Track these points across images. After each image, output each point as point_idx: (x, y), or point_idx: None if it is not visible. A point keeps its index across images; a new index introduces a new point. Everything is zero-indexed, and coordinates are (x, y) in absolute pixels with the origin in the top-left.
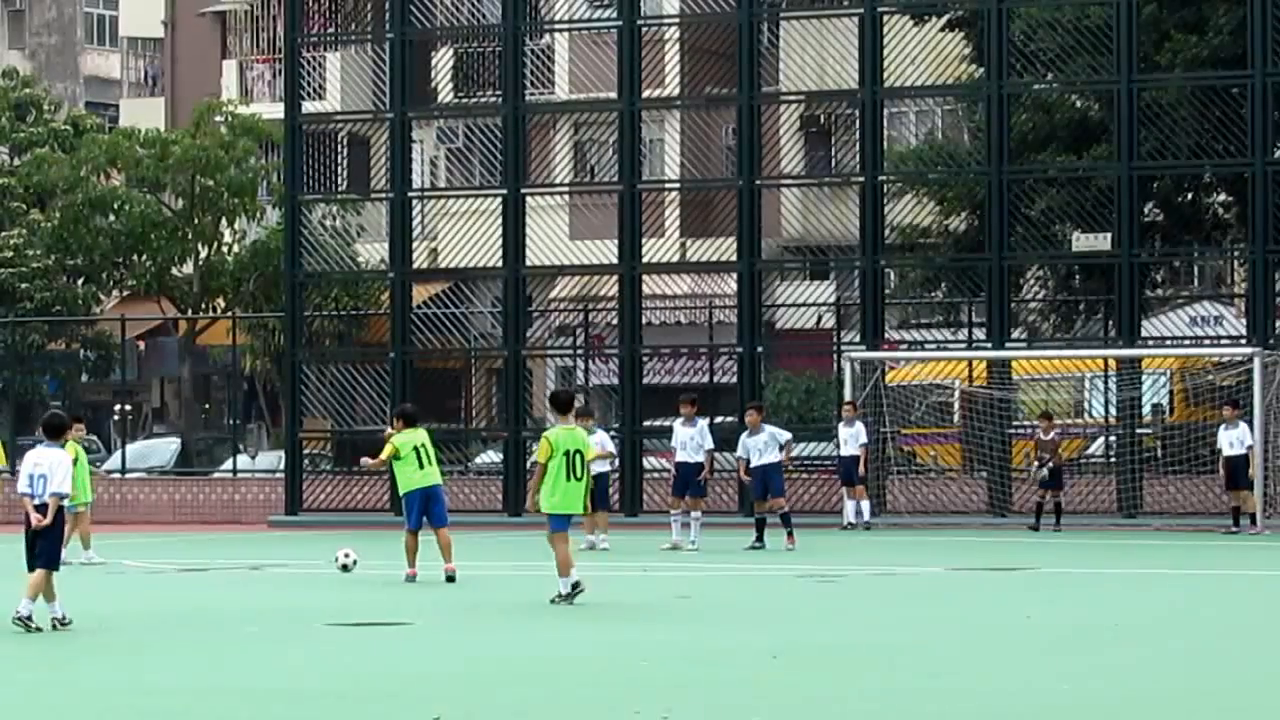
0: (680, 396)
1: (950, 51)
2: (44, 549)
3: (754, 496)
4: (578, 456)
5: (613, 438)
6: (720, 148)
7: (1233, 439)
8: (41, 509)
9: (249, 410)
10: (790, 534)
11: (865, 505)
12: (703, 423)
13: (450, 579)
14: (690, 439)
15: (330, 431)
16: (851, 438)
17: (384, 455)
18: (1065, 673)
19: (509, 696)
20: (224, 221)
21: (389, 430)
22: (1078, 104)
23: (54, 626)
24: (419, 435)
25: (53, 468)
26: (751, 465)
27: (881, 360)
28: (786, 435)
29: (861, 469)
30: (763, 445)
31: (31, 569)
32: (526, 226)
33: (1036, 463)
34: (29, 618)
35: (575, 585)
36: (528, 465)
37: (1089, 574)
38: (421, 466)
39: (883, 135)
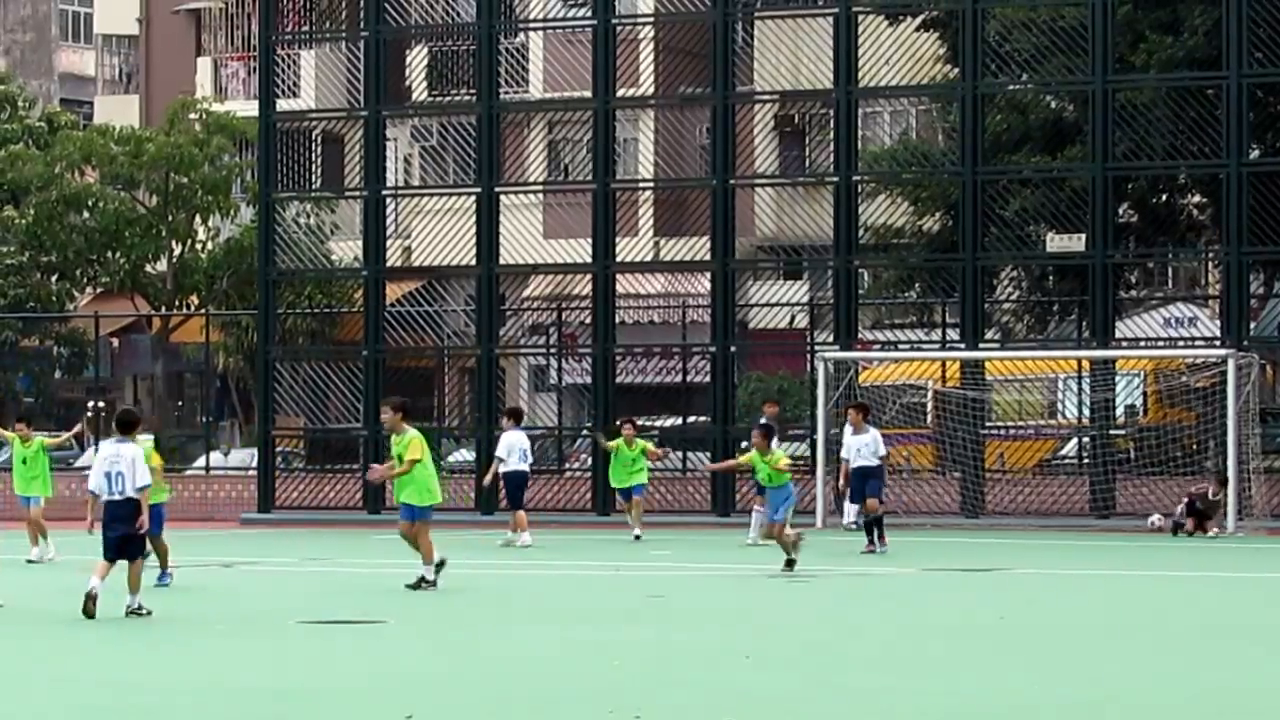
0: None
1: (925, 51)
2: (136, 541)
3: (853, 500)
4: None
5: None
6: (694, 147)
7: None
8: (128, 505)
9: (222, 408)
10: (877, 537)
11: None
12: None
13: None
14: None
15: (303, 429)
16: (866, 448)
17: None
18: (1038, 673)
19: (481, 696)
20: (198, 219)
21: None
22: (1052, 105)
23: (122, 612)
24: None
25: (130, 465)
26: (852, 466)
27: (855, 360)
28: (883, 450)
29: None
30: (862, 446)
31: (115, 559)
32: (500, 225)
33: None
34: (94, 597)
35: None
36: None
37: (1062, 575)
38: None
39: (857, 135)
